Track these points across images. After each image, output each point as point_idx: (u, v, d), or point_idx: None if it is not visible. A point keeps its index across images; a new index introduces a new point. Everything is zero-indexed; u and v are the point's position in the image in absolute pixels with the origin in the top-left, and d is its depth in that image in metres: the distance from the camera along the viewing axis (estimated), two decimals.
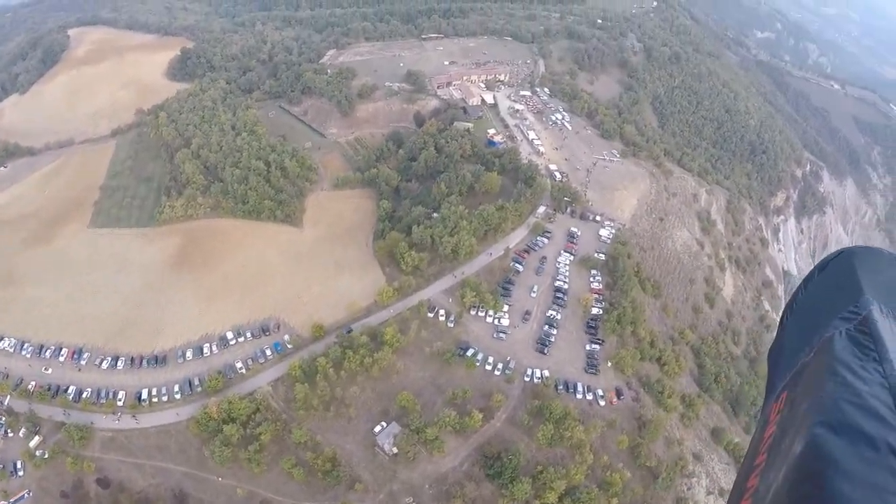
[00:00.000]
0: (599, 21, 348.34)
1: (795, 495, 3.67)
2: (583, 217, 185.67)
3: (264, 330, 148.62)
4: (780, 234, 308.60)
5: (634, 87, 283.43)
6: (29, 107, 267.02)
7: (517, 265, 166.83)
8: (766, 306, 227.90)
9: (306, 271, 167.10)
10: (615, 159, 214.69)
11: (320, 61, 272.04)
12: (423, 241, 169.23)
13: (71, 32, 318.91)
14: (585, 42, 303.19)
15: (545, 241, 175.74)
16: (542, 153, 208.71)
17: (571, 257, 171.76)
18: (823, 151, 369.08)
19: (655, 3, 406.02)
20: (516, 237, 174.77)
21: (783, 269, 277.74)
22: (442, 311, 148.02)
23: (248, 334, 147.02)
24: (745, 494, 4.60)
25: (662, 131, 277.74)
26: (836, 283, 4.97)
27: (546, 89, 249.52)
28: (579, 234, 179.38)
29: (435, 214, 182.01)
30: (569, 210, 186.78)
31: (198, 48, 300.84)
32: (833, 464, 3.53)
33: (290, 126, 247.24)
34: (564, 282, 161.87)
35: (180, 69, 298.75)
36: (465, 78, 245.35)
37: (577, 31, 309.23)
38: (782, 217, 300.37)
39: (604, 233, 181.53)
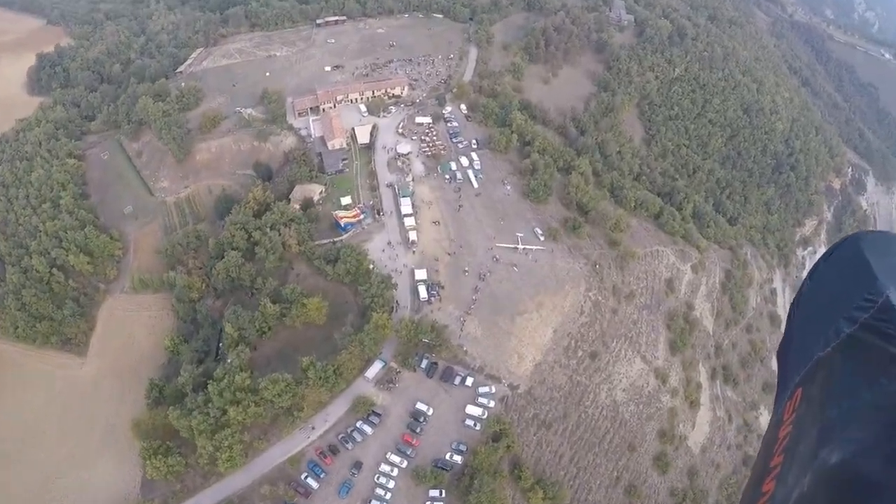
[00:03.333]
0: None
1: None
2: (447, 377, 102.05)
3: None
4: (804, 273, 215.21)
5: (613, 84, 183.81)
6: None
7: (309, 481, 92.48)
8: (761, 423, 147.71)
9: (69, 441, 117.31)
10: (534, 248, 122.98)
11: (177, 70, 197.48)
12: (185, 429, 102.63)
13: None
14: (549, 16, 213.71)
15: (368, 429, 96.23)
16: (414, 243, 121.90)
17: (405, 463, 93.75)
18: (869, 147, 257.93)
19: None
20: (327, 418, 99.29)
21: None
22: None
23: None
24: (760, 500, 4.11)
25: (648, 151, 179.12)
26: (845, 271, 4.38)
27: (463, 106, 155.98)
28: (430, 414, 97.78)
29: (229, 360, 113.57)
30: (424, 364, 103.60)
31: (57, 52, 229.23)
32: (877, 487, 3.12)
33: (120, 175, 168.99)
34: None
35: (37, 81, 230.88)
36: (336, 99, 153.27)
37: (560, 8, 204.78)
38: (810, 248, 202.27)
39: (474, 410, 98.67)
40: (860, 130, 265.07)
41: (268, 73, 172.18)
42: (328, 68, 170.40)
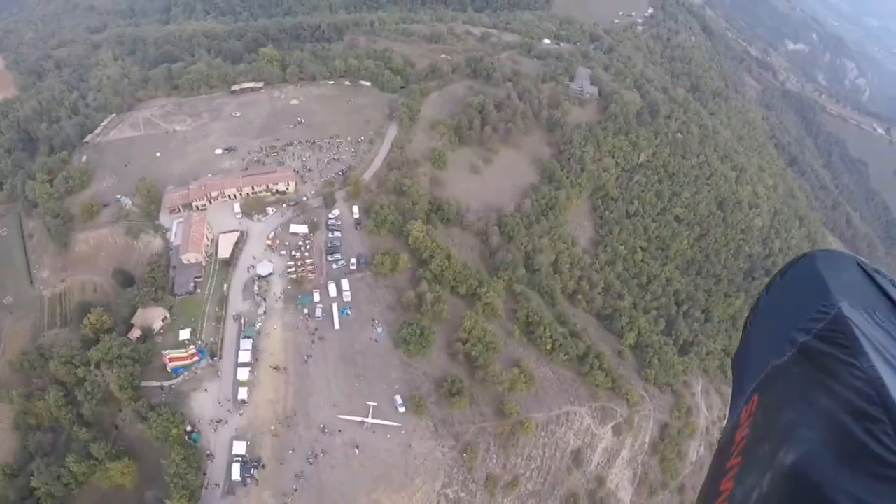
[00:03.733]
0: (547, 41, 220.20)
1: None
2: None
3: None
4: None
5: (561, 173, 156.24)
6: None
7: None
8: None
9: None
10: (387, 424, 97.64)
11: (84, 140, 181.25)
12: None
13: None
14: (496, 86, 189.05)
15: None
16: (243, 403, 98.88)
17: None
18: (856, 234, 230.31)
19: (651, 11, 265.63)
20: None
21: None
22: None
23: None
24: (719, 498, 4.35)
25: (594, 257, 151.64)
26: (800, 285, 4.63)
27: (355, 208, 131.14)
28: None
29: None
30: None
31: None
32: (829, 479, 3.36)
33: (10, 257, 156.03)
34: None
35: None
36: (211, 195, 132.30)
37: (490, 64, 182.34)
38: None
39: None
40: (847, 215, 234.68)
41: (158, 154, 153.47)
42: (219, 151, 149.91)
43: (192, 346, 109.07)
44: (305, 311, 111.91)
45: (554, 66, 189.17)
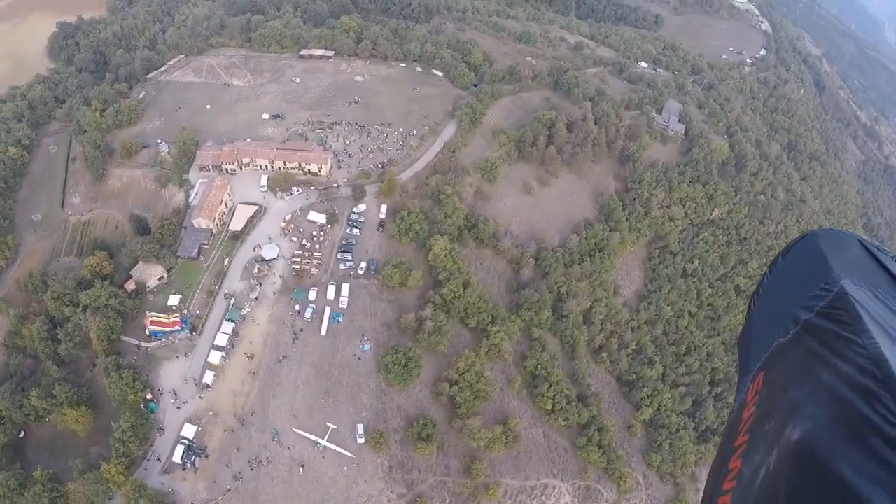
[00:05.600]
0: (643, 65, 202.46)
1: (795, 483, 3.56)
2: None
3: None
4: None
5: (621, 212, 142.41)
6: None
7: None
8: None
9: None
10: (341, 452, 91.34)
11: (148, 75, 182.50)
12: None
13: None
14: (574, 103, 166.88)
15: None
16: (206, 387, 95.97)
17: None
18: None
19: (763, 53, 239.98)
20: None
21: None
22: None
23: None
24: (727, 477, 4.37)
25: (633, 314, 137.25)
26: (802, 264, 4.71)
27: (384, 207, 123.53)
28: None
29: None
30: None
31: (75, 25, 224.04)
32: (834, 455, 3.42)
33: (53, 176, 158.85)
34: None
35: (53, 49, 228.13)
36: (242, 161, 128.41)
37: (573, 78, 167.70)
38: None
39: None
40: None
41: (209, 106, 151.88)
42: (266, 116, 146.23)
43: (176, 315, 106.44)
44: (297, 307, 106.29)
45: (643, 92, 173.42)
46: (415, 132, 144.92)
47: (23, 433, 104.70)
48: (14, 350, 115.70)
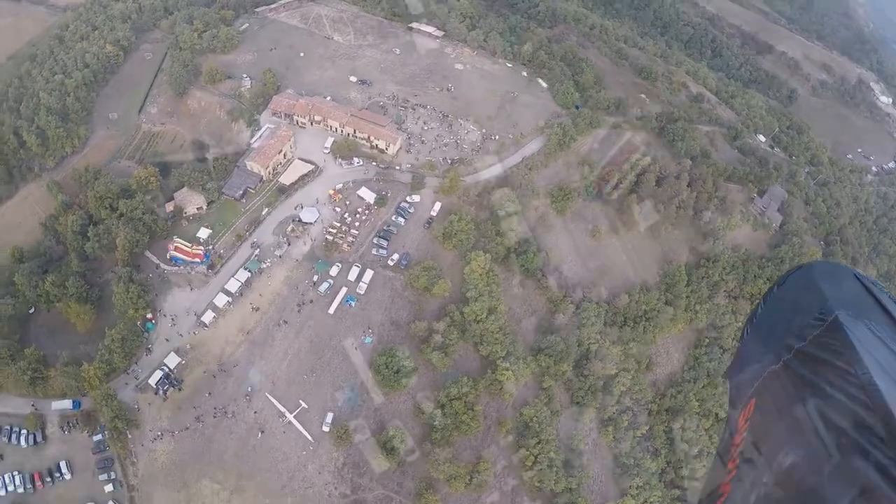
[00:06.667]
0: (762, 139, 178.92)
1: None
2: None
3: None
4: None
5: (681, 287, 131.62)
6: None
7: None
8: None
9: None
10: (304, 433, 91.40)
11: (257, 8, 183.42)
12: None
13: None
14: (673, 157, 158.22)
15: None
16: (204, 325, 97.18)
17: None
18: None
19: (893, 164, 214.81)
20: None
21: None
22: None
23: None
24: (717, 500, 4.60)
25: (661, 395, 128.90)
26: (797, 294, 4.73)
27: (437, 205, 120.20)
28: None
29: None
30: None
31: None
32: (825, 482, 3.58)
33: (141, 81, 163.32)
34: None
35: None
36: (314, 117, 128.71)
37: (681, 131, 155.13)
38: None
39: None
40: None
41: (302, 54, 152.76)
42: (353, 79, 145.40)
43: (200, 248, 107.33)
44: (315, 277, 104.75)
45: (751, 168, 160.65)
46: (497, 137, 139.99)
47: (33, 309, 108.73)
48: (49, 233, 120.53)
